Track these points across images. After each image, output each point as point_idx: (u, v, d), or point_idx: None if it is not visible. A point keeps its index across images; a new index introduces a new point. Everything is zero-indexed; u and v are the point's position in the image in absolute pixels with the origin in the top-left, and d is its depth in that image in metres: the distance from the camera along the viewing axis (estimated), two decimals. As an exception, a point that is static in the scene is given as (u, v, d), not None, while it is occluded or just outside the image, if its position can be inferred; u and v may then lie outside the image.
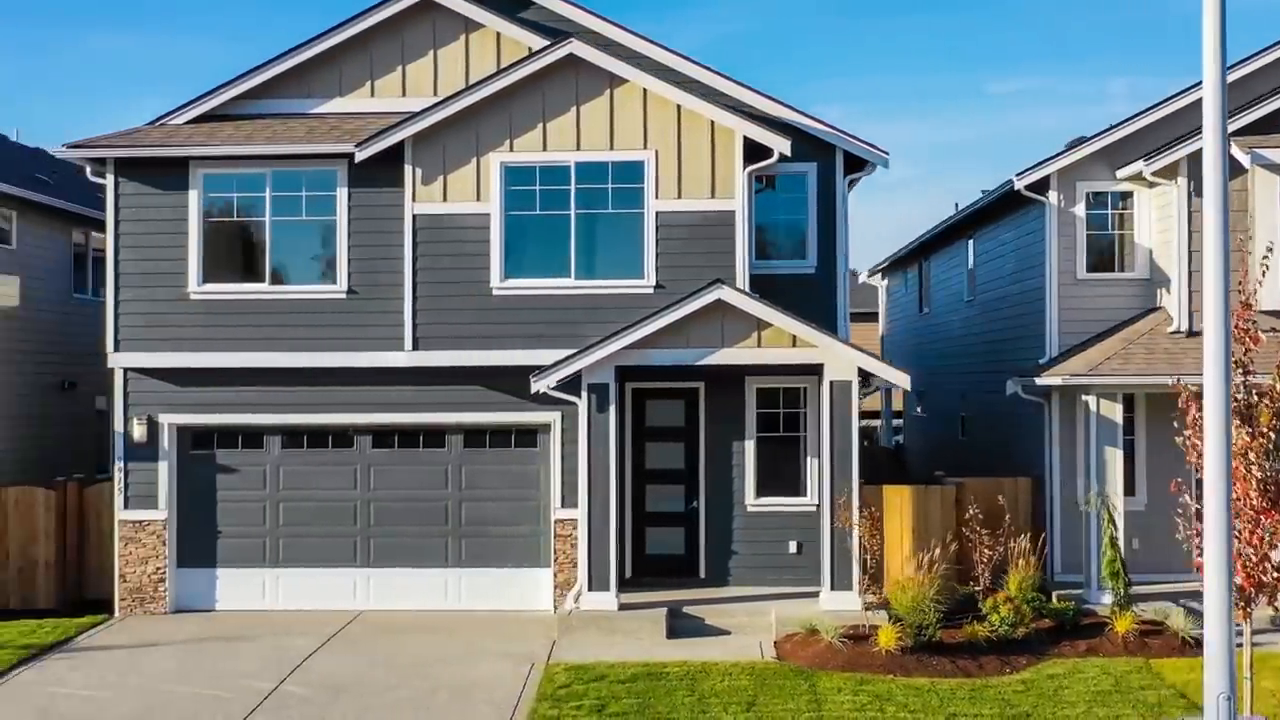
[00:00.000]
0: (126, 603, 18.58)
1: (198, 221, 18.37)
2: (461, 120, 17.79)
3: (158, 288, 18.42)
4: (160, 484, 18.58)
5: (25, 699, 14.56)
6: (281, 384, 18.46)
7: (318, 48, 18.80)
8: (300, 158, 18.14)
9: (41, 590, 20.04)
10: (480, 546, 18.60)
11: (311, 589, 18.62)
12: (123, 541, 18.63)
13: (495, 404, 18.35)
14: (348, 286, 18.25)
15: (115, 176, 18.43)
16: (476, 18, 18.74)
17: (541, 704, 13.94)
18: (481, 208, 17.87)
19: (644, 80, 17.72)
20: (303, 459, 18.76)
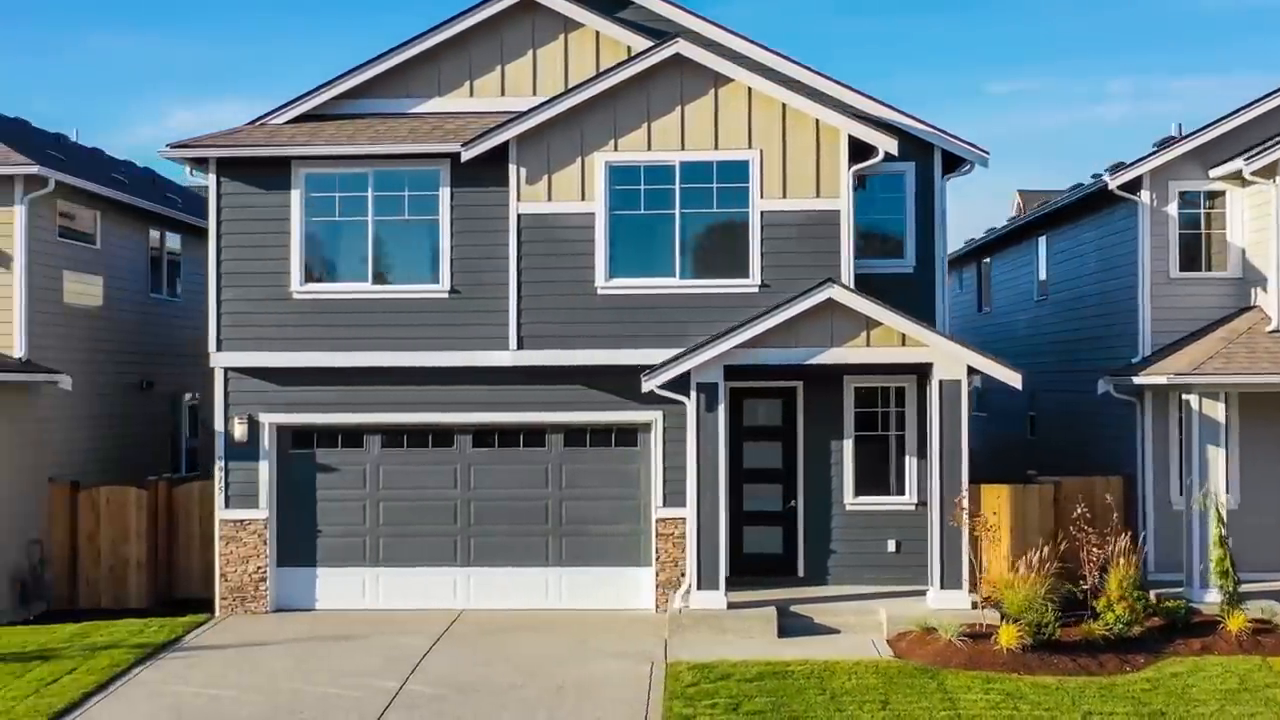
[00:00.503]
0: (227, 602, 18.59)
1: (300, 221, 18.39)
2: (566, 120, 17.80)
3: (259, 287, 18.44)
4: (261, 483, 18.60)
5: (155, 697, 14.58)
6: (382, 383, 18.48)
7: (417, 48, 18.82)
8: (403, 157, 18.15)
9: (133, 589, 20.09)
10: (580, 545, 18.62)
11: (411, 588, 18.63)
12: (223, 541, 18.65)
13: (596, 403, 18.37)
14: (450, 286, 18.27)
15: (217, 176, 18.45)
16: (576, 17, 18.76)
17: (674, 702, 13.95)
18: (586, 207, 17.89)
19: (749, 79, 17.75)
20: (403, 458, 18.77)
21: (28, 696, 14.47)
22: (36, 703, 14.23)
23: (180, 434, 25.45)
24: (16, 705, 14.17)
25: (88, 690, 14.74)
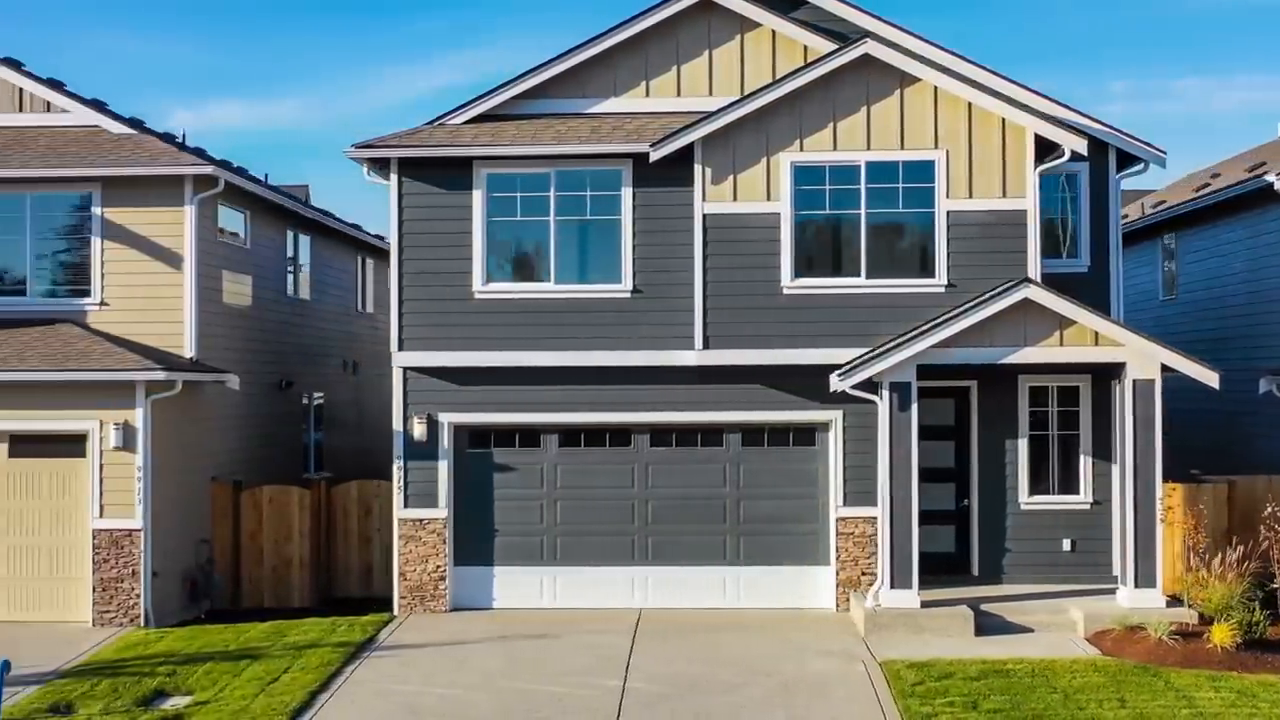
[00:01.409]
0: (407, 601, 18.64)
1: (481, 221, 18.44)
2: (753, 120, 17.85)
3: (441, 287, 18.52)
4: (440, 482, 18.65)
5: (382, 696, 14.61)
6: (560, 383, 18.53)
7: (594, 49, 18.87)
8: (585, 157, 18.22)
9: (296, 589, 20.17)
10: (757, 544, 18.66)
11: (588, 587, 18.68)
12: (403, 540, 18.69)
13: (775, 403, 18.42)
14: (632, 286, 18.32)
15: (399, 177, 18.50)
16: (753, 16, 18.81)
17: (910, 701, 13.98)
18: (771, 207, 17.93)
19: (935, 78, 17.79)
20: (580, 457, 18.82)
21: (257, 695, 14.51)
22: (270, 702, 14.27)
23: (309, 433, 25.51)
24: (250, 704, 14.21)
25: (312, 689, 14.77)
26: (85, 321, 19.53)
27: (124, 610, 18.01)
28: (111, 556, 18.02)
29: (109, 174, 19.34)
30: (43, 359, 18.18)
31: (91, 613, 18.05)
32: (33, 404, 18.11)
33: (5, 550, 18.34)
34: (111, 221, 19.56)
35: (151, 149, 20.06)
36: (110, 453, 18.04)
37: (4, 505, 18.35)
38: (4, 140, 20.44)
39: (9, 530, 18.32)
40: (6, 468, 18.37)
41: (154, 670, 15.67)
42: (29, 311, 19.64)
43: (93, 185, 19.59)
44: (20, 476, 18.36)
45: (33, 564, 18.33)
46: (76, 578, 18.27)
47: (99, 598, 18.04)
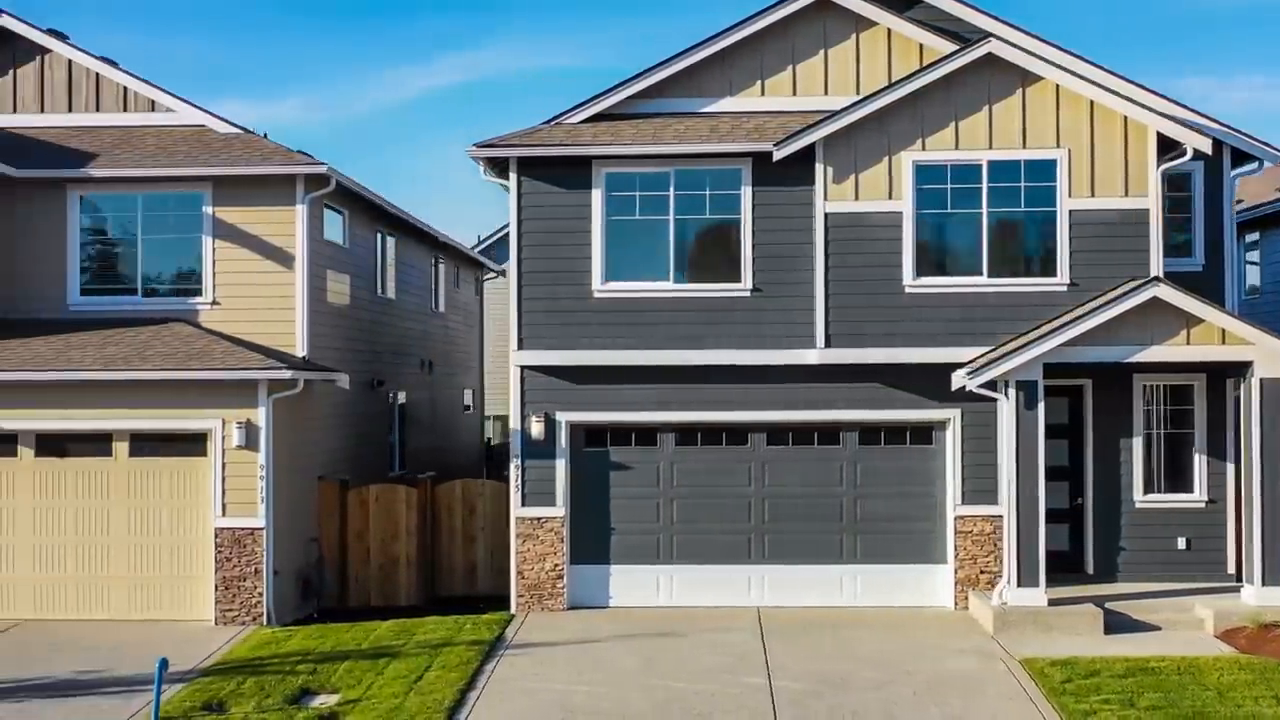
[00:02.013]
0: (524, 600, 18.66)
1: (600, 220, 18.48)
2: (874, 120, 17.87)
3: (560, 286, 18.54)
4: (557, 481, 18.66)
5: (530, 694, 14.62)
6: (677, 381, 18.55)
7: (709, 49, 18.89)
8: (705, 156, 18.25)
9: (403, 587, 20.22)
10: (874, 543, 18.68)
11: (704, 585, 18.70)
12: (520, 539, 18.71)
13: (893, 401, 18.45)
14: (752, 285, 18.36)
15: (518, 176, 18.53)
16: (869, 15, 18.83)
17: (1064, 699, 14.00)
18: (893, 206, 17.96)
19: (1057, 77, 17.81)
20: (697, 456, 18.84)
21: (407, 694, 14.53)
22: (422, 700, 14.28)
23: (394, 432, 25.54)
24: (403, 702, 14.23)
25: (460, 687, 14.78)
26: (197, 321, 19.56)
27: (246, 609, 18.04)
28: (234, 555, 18.04)
29: (223, 173, 19.38)
30: (164, 358, 18.20)
31: (214, 611, 18.07)
32: (154, 403, 18.14)
33: (125, 549, 18.37)
34: (223, 221, 19.59)
35: (262, 148, 20.09)
36: (233, 451, 18.06)
37: (124, 504, 18.37)
38: (112, 139, 20.47)
39: (129, 529, 18.35)
40: (127, 467, 18.39)
41: (294, 669, 15.70)
42: (140, 311, 19.68)
43: (204, 185, 19.62)
44: (140, 475, 18.39)
45: (153, 563, 18.35)
46: (197, 576, 18.29)
47: (221, 596, 18.06)
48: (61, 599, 18.35)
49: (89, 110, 21.01)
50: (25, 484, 18.38)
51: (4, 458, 18.41)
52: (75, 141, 20.48)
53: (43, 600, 18.35)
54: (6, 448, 18.41)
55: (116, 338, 18.93)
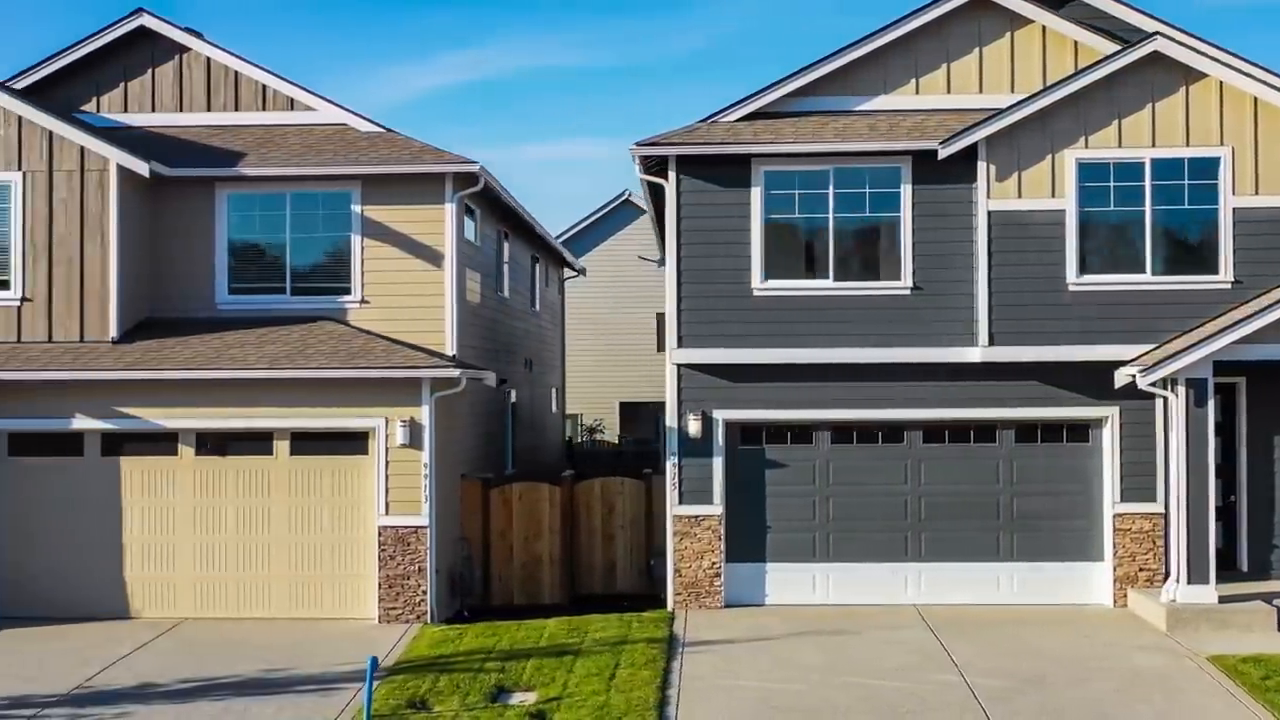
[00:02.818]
0: (681, 597, 18.69)
1: (759, 218, 18.51)
2: (1037, 119, 17.89)
3: (718, 284, 18.57)
4: (714, 479, 18.69)
5: (728, 691, 14.62)
6: (834, 379, 18.58)
7: (863, 49, 18.92)
8: (865, 154, 18.28)
9: (546, 586, 20.24)
10: (1030, 540, 18.70)
11: (860, 583, 18.72)
12: (677, 536, 18.74)
13: (1050, 399, 18.46)
14: (912, 283, 18.38)
15: (677, 174, 18.56)
16: (1025, 13, 18.85)
17: (1272, 695, 13.99)
18: (1056, 204, 17.98)
19: (1221, 74, 17.83)
20: (852, 454, 18.86)
21: (608, 691, 14.56)
22: (626, 698, 14.29)
23: (509, 430, 25.59)
24: (607, 699, 14.24)
25: (657, 684, 14.80)
26: (345, 319, 19.59)
27: (410, 607, 18.06)
28: (397, 554, 18.07)
29: (375, 172, 19.40)
30: (327, 356, 18.23)
31: (377, 610, 18.09)
32: (316, 401, 18.16)
33: (286, 548, 18.39)
34: (371, 219, 19.62)
35: (408, 147, 20.11)
36: (396, 449, 18.08)
37: (286, 503, 18.39)
38: (255, 139, 20.50)
39: (291, 528, 18.37)
40: (288, 465, 18.42)
41: (482, 666, 15.72)
42: (288, 310, 19.70)
43: (353, 183, 19.64)
44: (301, 474, 18.41)
45: (313, 561, 18.38)
46: (360, 575, 18.32)
47: (384, 594, 18.08)
48: (222, 597, 18.38)
49: (227, 109, 21.02)
50: (186, 482, 18.41)
51: (165, 456, 18.43)
52: (216, 140, 20.51)
53: (204, 599, 18.38)
54: (167, 446, 18.43)
55: (271, 336, 18.95)
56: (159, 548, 18.40)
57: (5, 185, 18.98)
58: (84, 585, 18.36)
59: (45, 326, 18.91)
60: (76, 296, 18.90)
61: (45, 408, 18.21)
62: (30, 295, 18.92)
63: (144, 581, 18.41)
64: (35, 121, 18.96)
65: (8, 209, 18.97)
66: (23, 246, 18.93)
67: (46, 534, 18.40)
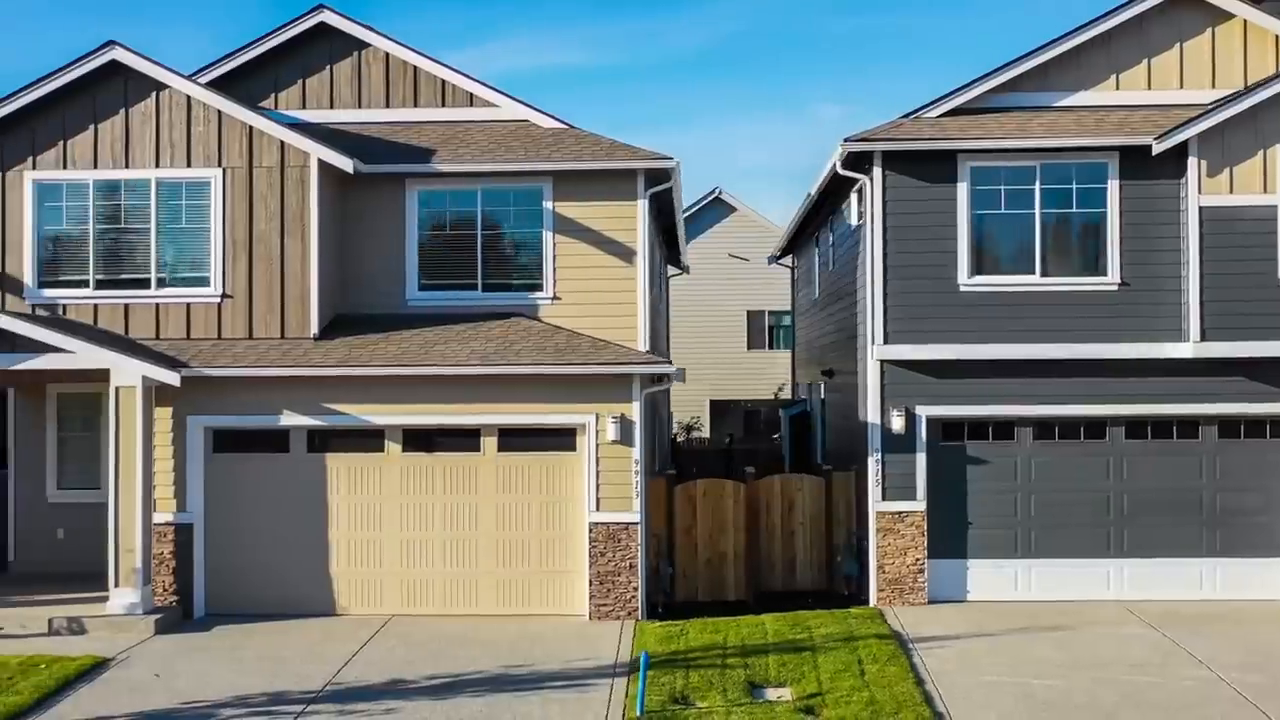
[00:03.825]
0: (885, 594, 18.68)
1: (966, 214, 18.51)
2: (1248, 115, 17.89)
3: (923, 280, 18.56)
4: (917, 475, 18.68)
5: (991, 688, 14.57)
6: (1036, 375, 18.58)
7: (1062, 47, 18.96)
8: (1071, 150, 18.28)
9: (730, 582, 20.24)
10: (1234, 536, 18.69)
11: (1062, 579, 18.71)
12: (880, 533, 18.73)
13: (1258, 394, 18.46)
14: (1119, 278, 18.38)
15: (883, 170, 18.55)
16: (1225, 7, 18.87)
17: None
18: (1267, 200, 17.98)
19: None
20: (1054, 451, 18.84)
21: (864, 687, 14.50)
22: (889, 693, 14.23)
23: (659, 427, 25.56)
24: (872, 695, 14.21)
25: (910, 680, 14.76)
26: (537, 316, 19.58)
27: (621, 604, 18.03)
28: (608, 550, 18.04)
29: (568, 168, 19.38)
30: (536, 352, 18.20)
31: (588, 606, 18.06)
32: (524, 397, 18.12)
33: (494, 544, 18.35)
34: (563, 215, 19.60)
35: (597, 143, 20.09)
36: (607, 446, 18.04)
37: (493, 500, 18.36)
38: (438, 135, 20.47)
39: (498, 524, 18.34)
40: (496, 462, 18.38)
41: (723, 662, 15.69)
42: (479, 306, 19.70)
43: (544, 179, 19.63)
44: (509, 470, 18.37)
45: (521, 558, 18.34)
46: (567, 571, 18.28)
47: (595, 591, 18.05)
48: (428, 594, 18.34)
49: (405, 105, 21.01)
50: (392, 479, 18.36)
51: (372, 453, 18.38)
52: (399, 137, 20.48)
53: (410, 595, 18.34)
54: (374, 443, 18.38)
55: (471, 332, 18.93)
56: (365, 544, 18.36)
57: (205, 182, 18.95)
58: (290, 582, 18.32)
59: (245, 323, 18.88)
60: (277, 294, 18.87)
61: (251, 404, 18.15)
62: (230, 292, 18.90)
63: (350, 578, 18.37)
64: (235, 117, 18.93)
65: (207, 206, 18.95)
66: (223, 244, 18.90)
67: (253, 531, 18.36)
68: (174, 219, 19.00)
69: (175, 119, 18.95)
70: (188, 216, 18.99)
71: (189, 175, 18.93)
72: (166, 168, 18.93)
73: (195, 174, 18.91)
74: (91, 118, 19.00)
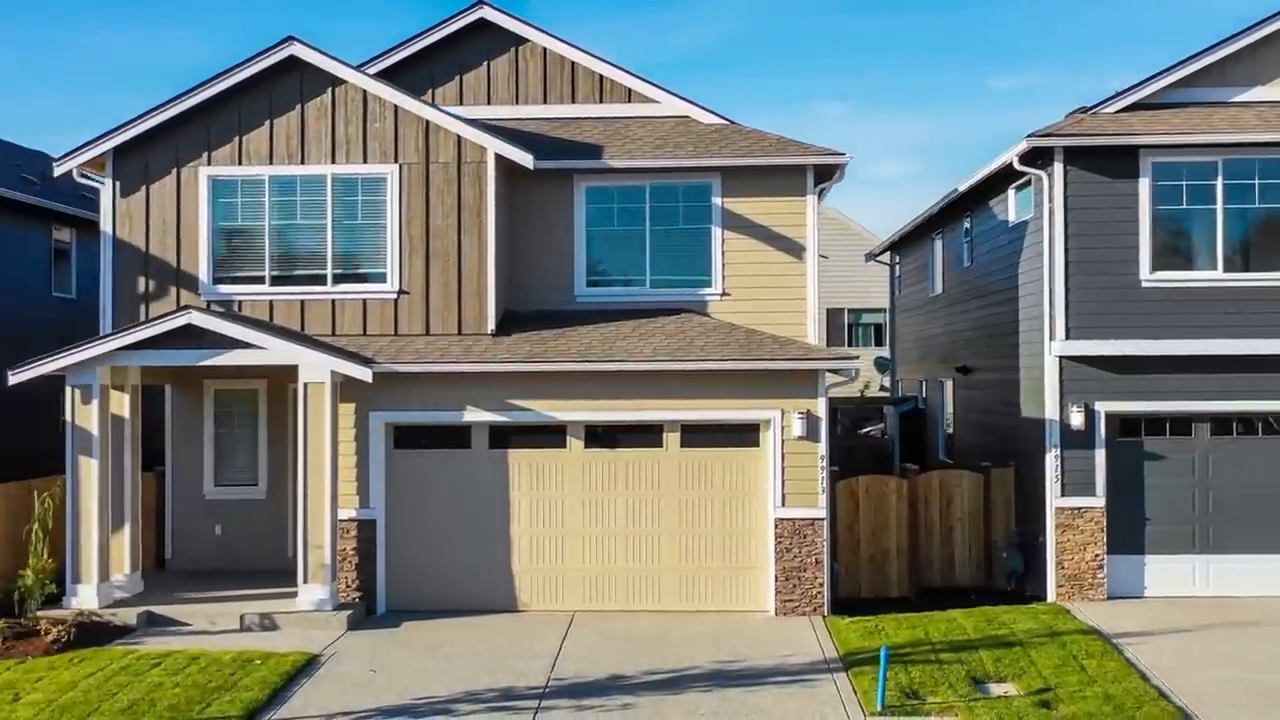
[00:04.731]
0: (1064, 590, 18.65)
1: (1148, 209, 18.49)
2: None
3: (1104, 276, 18.54)
4: (1097, 471, 18.65)
5: (1230, 684, 14.55)
6: (1216, 370, 18.56)
7: (1237, 44, 19.03)
8: (1255, 145, 18.28)
9: (893, 579, 20.20)
10: None
11: (1241, 575, 18.68)
12: (1059, 529, 18.70)
13: None
14: (1302, 273, 18.42)
15: (1064, 165, 18.53)
16: (1400, 5, 18.88)
17: None
18: None
19: None
20: (1232, 446, 18.83)
21: (1091, 682, 14.49)
22: (1120, 688, 14.24)
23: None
24: (1098, 688, 14.19)
25: (1135, 675, 14.77)
26: (705, 311, 19.58)
27: (807, 599, 18.00)
28: (794, 546, 18.00)
29: (738, 163, 19.37)
30: (719, 348, 18.16)
31: (773, 602, 18.02)
32: (707, 393, 18.06)
33: (677, 540, 18.31)
34: (731, 211, 19.59)
35: (762, 138, 20.07)
36: (792, 441, 18.00)
37: (675, 496, 18.32)
38: (599, 131, 20.46)
39: (680, 520, 18.30)
40: (679, 458, 18.34)
41: (937, 658, 15.66)
42: (648, 302, 19.69)
43: (712, 175, 19.62)
44: (691, 467, 18.32)
45: (703, 554, 18.29)
46: (750, 567, 18.25)
47: (781, 587, 18.02)
48: (610, 590, 18.30)
49: (563, 101, 21.01)
50: (574, 475, 18.32)
51: (554, 449, 18.33)
52: (558, 133, 20.46)
53: (592, 592, 18.30)
54: (556, 439, 18.34)
55: (647, 329, 18.90)
56: (547, 540, 18.32)
57: (381, 178, 18.92)
58: (470, 579, 18.29)
59: (422, 320, 18.85)
60: (454, 290, 18.84)
61: (434, 400, 18.10)
62: (407, 288, 18.86)
63: (531, 574, 18.33)
64: (411, 111, 18.89)
65: (383, 201, 18.92)
66: (399, 240, 18.87)
67: (433, 528, 18.32)
68: (349, 215, 18.97)
69: (351, 114, 18.91)
70: (363, 212, 18.97)
71: (365, 171, 18.89)
72: (342, 163, 18.89)
73: (371, 170, 18.87)
74: (267, 113, 18.96)
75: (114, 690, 14.31)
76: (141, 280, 19.09)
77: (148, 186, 19.03)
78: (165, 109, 18.79)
